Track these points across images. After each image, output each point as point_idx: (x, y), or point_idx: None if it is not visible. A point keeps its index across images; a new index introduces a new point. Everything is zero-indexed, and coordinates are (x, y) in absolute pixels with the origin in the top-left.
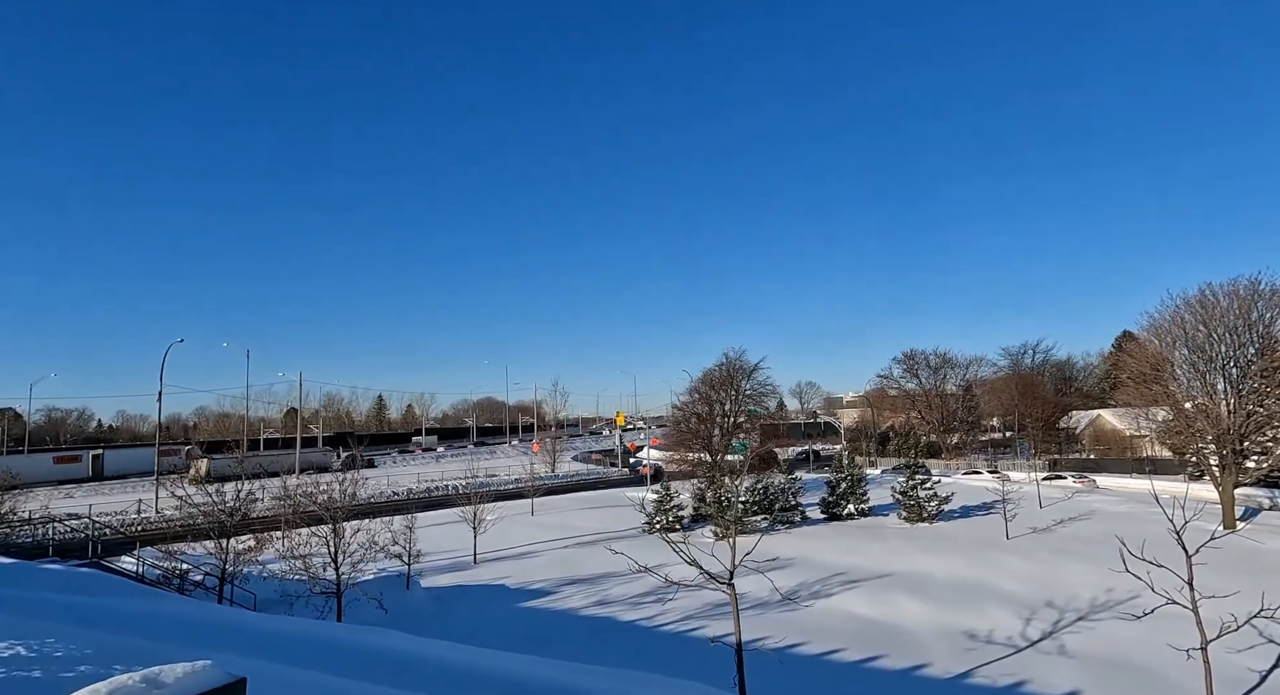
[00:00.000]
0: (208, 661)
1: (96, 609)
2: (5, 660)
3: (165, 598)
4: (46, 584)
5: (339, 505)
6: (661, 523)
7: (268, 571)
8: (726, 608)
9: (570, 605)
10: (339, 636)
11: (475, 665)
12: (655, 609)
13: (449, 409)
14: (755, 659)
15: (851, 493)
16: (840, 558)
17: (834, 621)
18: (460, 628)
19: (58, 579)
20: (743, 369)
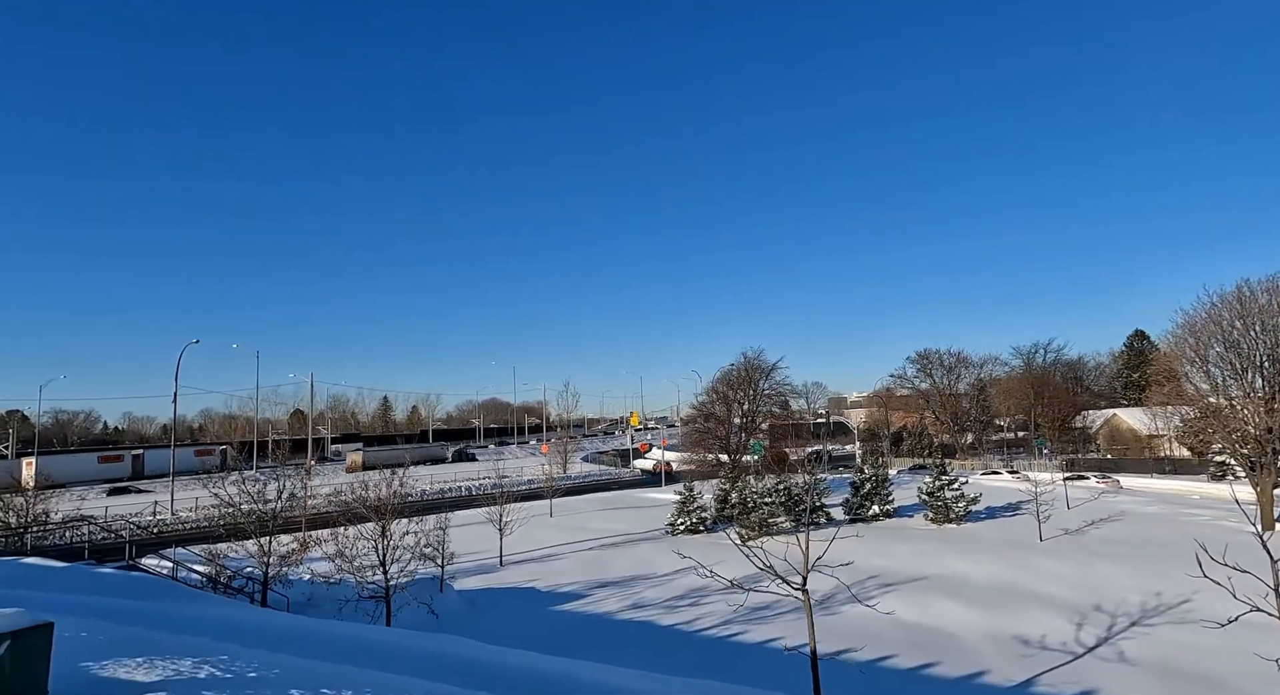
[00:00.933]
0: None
1: (210, 622)
2: (224, 682)
3: (235, 606)
4: (118, 590)
5: (391, 503)
6: (685, 524)
7: (310, 573)
8: (766, 612)
9: (605, 609)
10: (424, 646)
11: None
12: (692, 613)
13: (454, 410)
14: (806, 665)
15: (876, 493)
16: (871, 560)
17: (877, 626)
18: (498, 631)
19: (122, 584)
20: (761, 368)
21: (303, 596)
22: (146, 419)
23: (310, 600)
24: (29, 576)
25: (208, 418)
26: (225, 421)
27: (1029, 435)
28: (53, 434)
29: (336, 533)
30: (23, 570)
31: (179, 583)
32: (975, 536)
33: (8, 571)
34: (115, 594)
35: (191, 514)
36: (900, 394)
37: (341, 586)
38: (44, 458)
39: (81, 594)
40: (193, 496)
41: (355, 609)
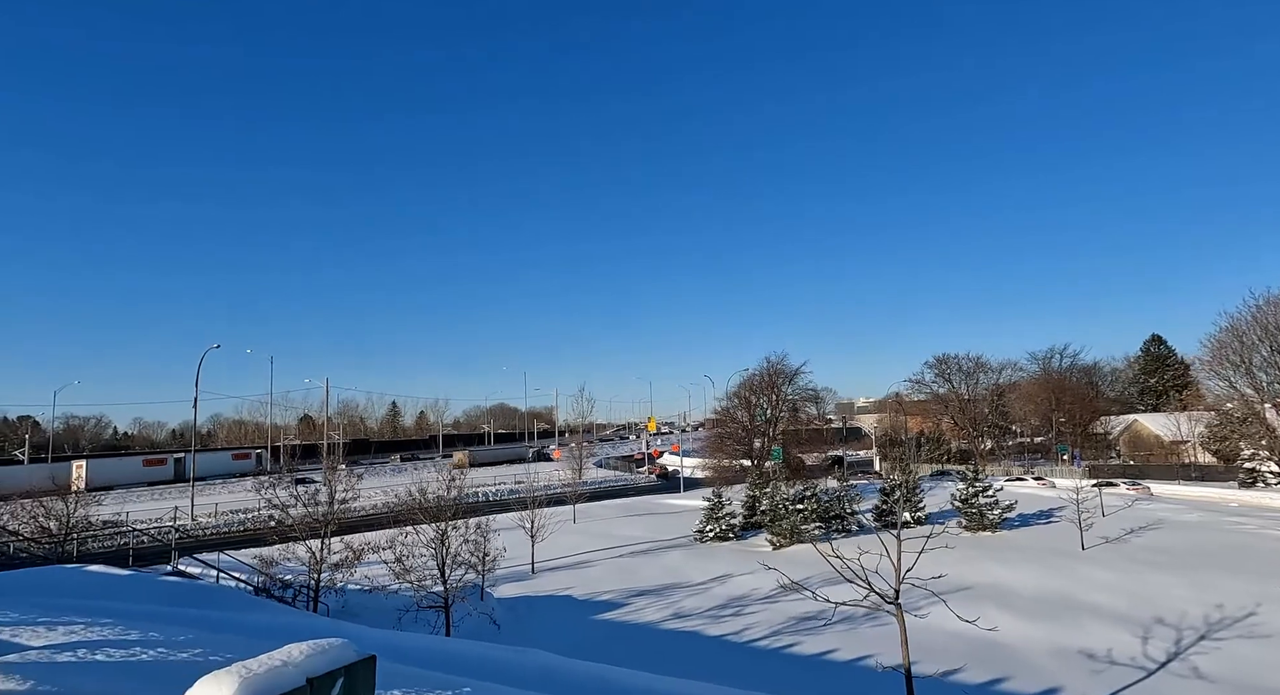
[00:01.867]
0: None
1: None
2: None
3: (326, 620)
4: (194, 599)
5: (450, 503)
6: (715, 531)
7: (369, 582)
8: (812, 622)
9: (647, 618)
10: (518, 660)
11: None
12: (738, 623)
13: (461, 415)
14: (881, 680)
15: (907, 500)
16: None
17: (933, 637)
18: (545, 641)
19: (192, 594)
20: (784, 372)
21: (357, 606)
22: (157, 424)
23: (364, 609)
24: (98, 586)
25: (217, 423)
26: (234, 426)
27: (1046, 441)
28: (64, 439)
29: (395, 539)
30: (90, 579)
31: (240, 591)
32: (1013, 544)
33: (79, 580)
34: (195, 604)
35: (211, 519)
36: (912, 399)
37: (395, 595)
38: (93, 461)
39: (163, 604)
40: (237, 499)
41: (416, 619)
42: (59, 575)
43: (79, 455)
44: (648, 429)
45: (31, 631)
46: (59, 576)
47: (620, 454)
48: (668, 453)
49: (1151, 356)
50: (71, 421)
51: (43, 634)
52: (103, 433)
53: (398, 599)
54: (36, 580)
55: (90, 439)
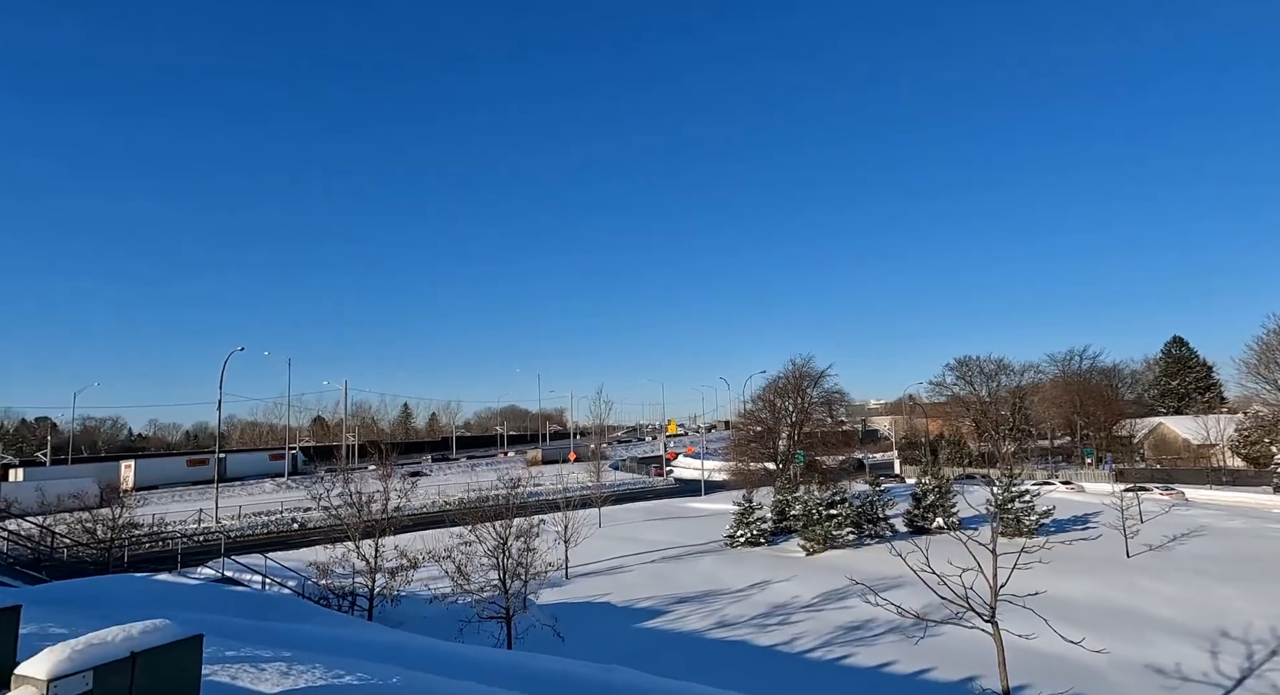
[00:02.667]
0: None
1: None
2: None
3: (409, 634)
4: (264, 611)
5: (512, 502)
6: (746, 536)
7: (430, 592)
8: (862, 632)
9: (691, 626)
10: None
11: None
12: (785, 632)
13: (472, 417)
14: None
15: (940, 504)
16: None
17: (990, 650)
18: (593, 651)
19: (262, 605)
20: (810, 375)
21: (412, 615)
22: (173, 425)
23: (417, 618)
24: (179, 597)
25: (230, 424)
26: (248, 428)
27: (1067, 444)
28: (81, 441)
29: (453, 548)
30: (166, 590)
31: (309, 602)
32: (1055, 552)
33: (157, 590)
34: (295, 618)
35: (235, 522)
36: (925, 401)
37: (454, 605)
38: (140, 461)
39: (263, 618)
40: (278, 499)
41: (478, 631)
42: (133, 586)
43: (126, 455)
44: (667, 431)
45: (240, 671)
46: (134, 587)
47: (633, 456)
48: (682, 455)
49: (1173, 358)
50: (88, 423)
51: (261, 676)
52: (118, 434)
53: (458, 609)
54: (117, 591)
55: (106, 440)
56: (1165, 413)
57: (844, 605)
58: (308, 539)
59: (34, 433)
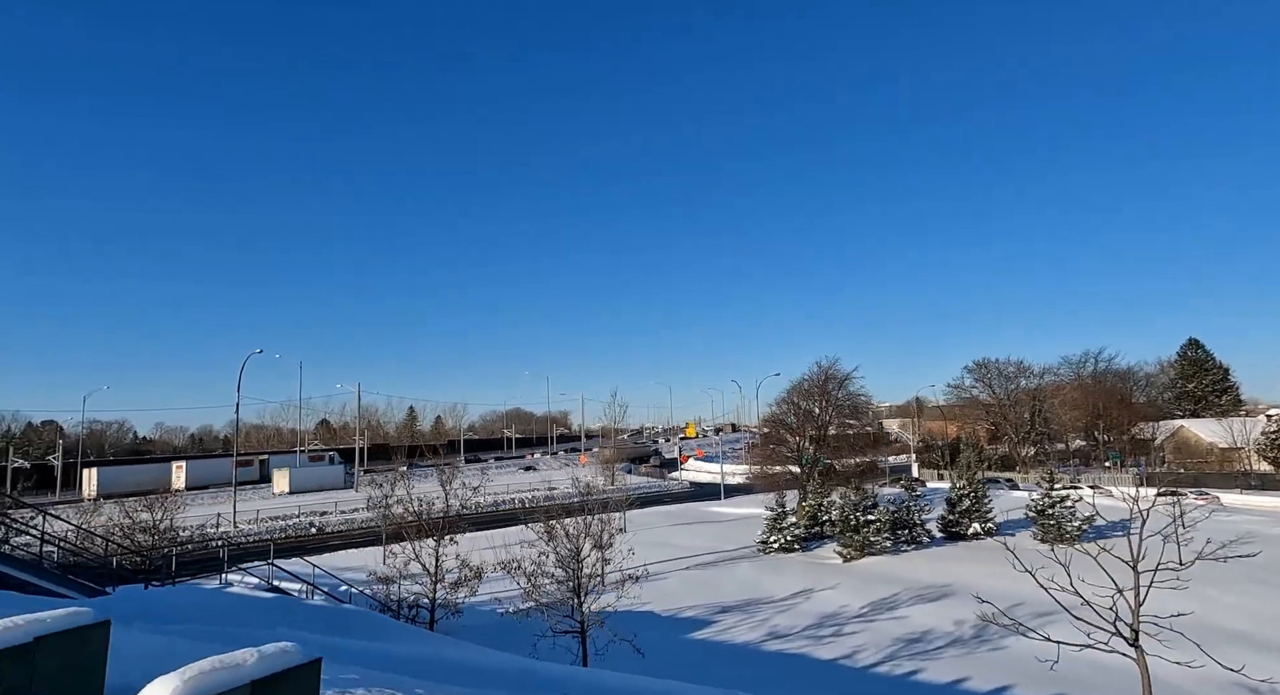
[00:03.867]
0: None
1: None
2: None
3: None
4: (347, 627)
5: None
6: (779, 542)
7: (501, 605)
8: (920, 645)
9: (743, 637)
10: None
11: None
12: (843, 644)
13: (477, 420)
14: None
15: (976, 510)
16: (999, 584)
17: (1063, 666)
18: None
19: (341, 620)
20: (835, 378)
21: (480, 627)
22: (179, 429)
23: (482, 631)
24: (256, 612)
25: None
26: (253, 431)
27: (1085, 447)
28: (88, 444)
29: (520, 559)
30: (232, 601)
31: (379, 614)
32: (1102, 559)
33: (219, 602)
34: (348, 631)
35: (253, 526)
36: (941, 403)
37: (526, 618)
38: (191, 462)
39: (330, 633)
40: (329, 500)
41: (553, 646)
42: (198, 597)
43: (179, 456)
44: (685, 433)
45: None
46: (198, 598)
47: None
48: (692, 458)
49: (1189, 361)
50: (94, 426)
51: None
52: (124, 437)
53: (530, 622)
54: (185, 603)
55: (113, 444)
56: (1181, 415)
57: (896, 615)
58: (326, 544)
59: (40, 436)
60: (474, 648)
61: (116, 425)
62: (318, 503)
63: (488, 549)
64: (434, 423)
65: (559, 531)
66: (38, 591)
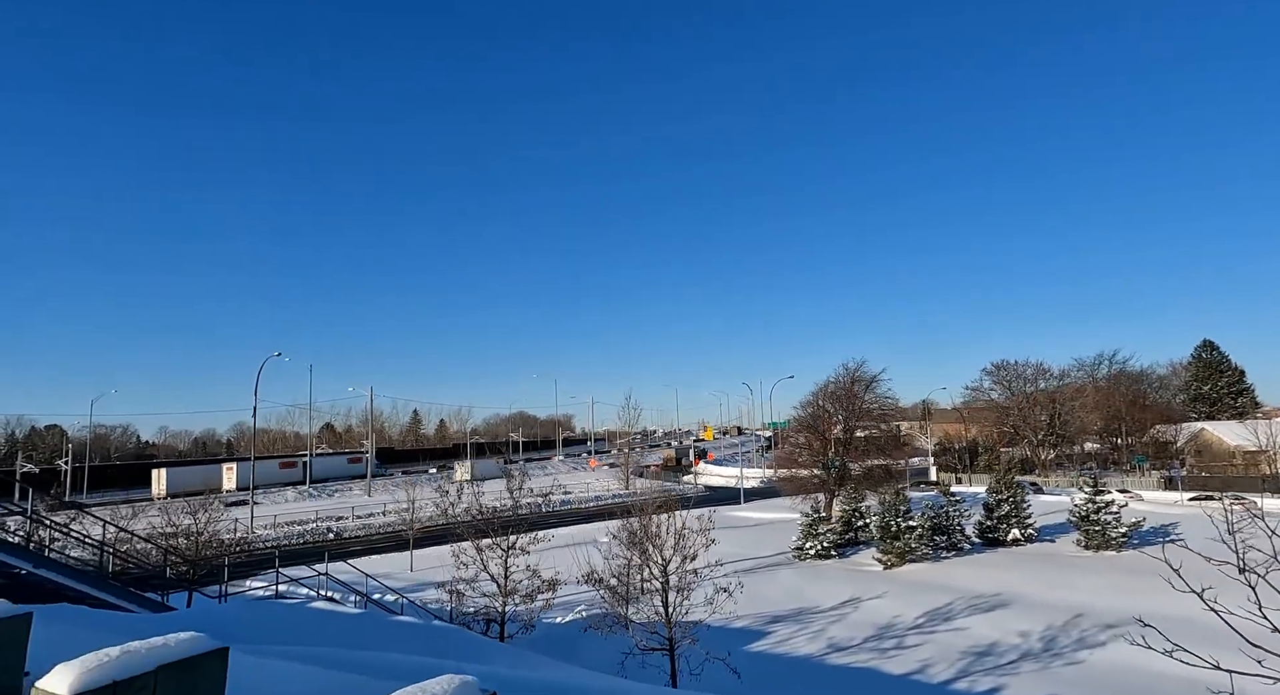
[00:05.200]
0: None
1: None
2: None
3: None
4: (448, 647)
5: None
6: (816, 549)
7: (585, 619)
8: (991, 658)
9: (804, 650)
10: None
11: None
12: (911, 658)
13: (480, 424)
14: None
15: (1015, 515)
16: (1053, 593)
17: (1149, 683)
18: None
19: (447, 639)
20: (862, 380)
21: (557, 641)
22: (184, 433)
23: (553, 644)
24: (334, 626)
25: (238, 431)
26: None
27: (1101, 449)
28: (92, 448)
29: (600, 570)
30: (316, 616)
31: (468, 632)
32: (1155, 567)
33: (306, 619)
34: (447, 651)
35: (269, 531)
36: (958, 405)
37: (611, 634)
38: (241, 463)
39: (431, 654)
40: (379, 500)
41: (642, 664)
42: (278, 612)
43: (231, 458)
44: (703, 436)
45: None
46: (279, 613)
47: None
48: (703, 462)
49: (1203, 362)
50: (98, 430)
51: None
52: (128, 442)
53: (616, 638)
54: (269, 619)
55: (117, 448)
56: (1196, 417)
57: (955, 627)
58: (346, 549)
59: (44, 440)
60: (585, 673)
61: (120, 429)
62: (332, 507)
63: (542, 550)
64: (438, 426)
65: (641, 535)
66: (97, 604)
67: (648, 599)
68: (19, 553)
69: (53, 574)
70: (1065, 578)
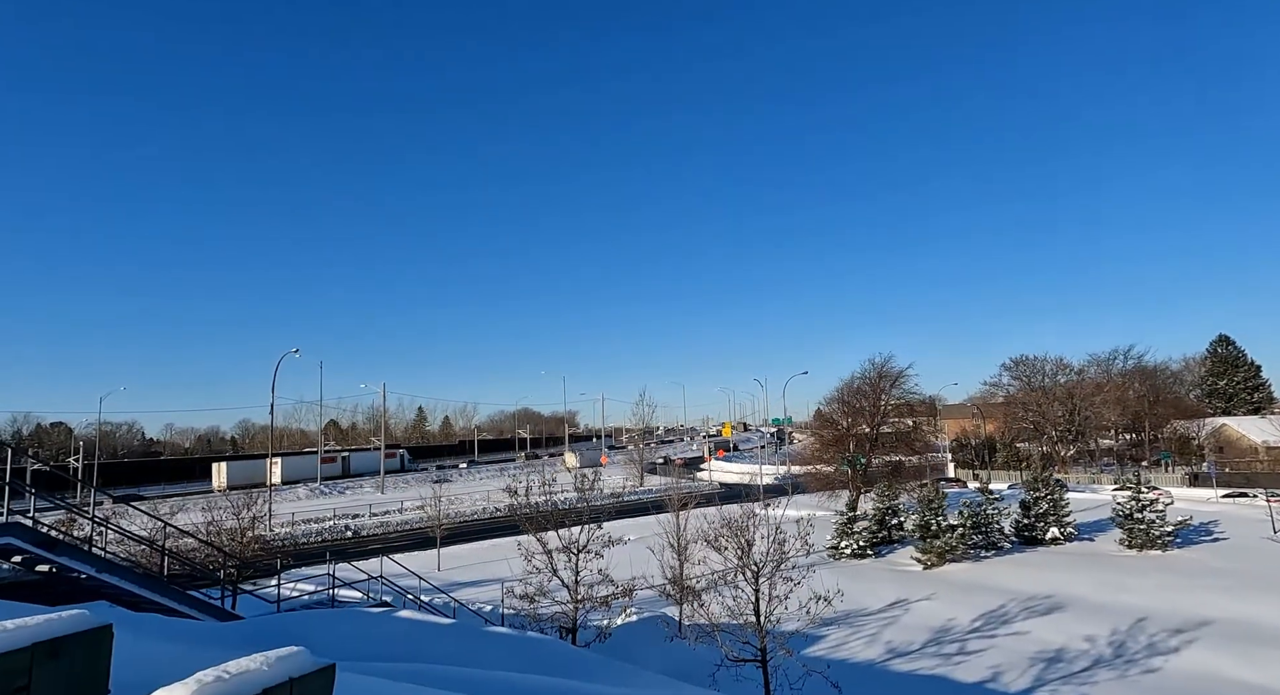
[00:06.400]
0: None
1: None
2: None
3: None
4: (568, 666)
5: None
6: (851, 548)
7: (692, 634)
8: (1063, 663)
9: (863, 656)
10: None
11: None
12: (980, 665)
13: (485, 421)
14: None
15: (1053, 513)
16: (1112, 595)
17: (1221, 690)
18: None
19: (546, 655)
20: (888, 376)
21: (628, 647)
22: (189, 429)
23: (640, 651)
24: (426, 639)
25: (244, 429)
26: (262, 433)
27: (1117, 445)
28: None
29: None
30: (402, 627)
31: (566, 644)
32: (1207, 568)
33: (390, 631)
34: (568, 670)
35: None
36: (945, 403)
37: (697, 646)
38: (285, 458)
39: (554, 673)
40: (395, 497)
41: (736, 677)
42: (362, 622)
43: (276, 454)
44: (722, 433)
45: None
46: (367, 624)
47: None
48: (714, 459)
49: (1219, 357)
50: (103, 427)
51: None
52: (134, 439)
53: (676, 645)
54: (348, 630)
55: (124, 445)
56: (1211, 413)
57: (1015, 630)
58: (365, 548)
59: (50, 437)
60: (700, 692)
61: (126, 427)
62: (347, 505)
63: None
64: (442, 423)
65: (732, 535)
66: (153, 608)
67: (717, 600)
68: (82, 556)
69: (116, 579)
70: (1115, 578)
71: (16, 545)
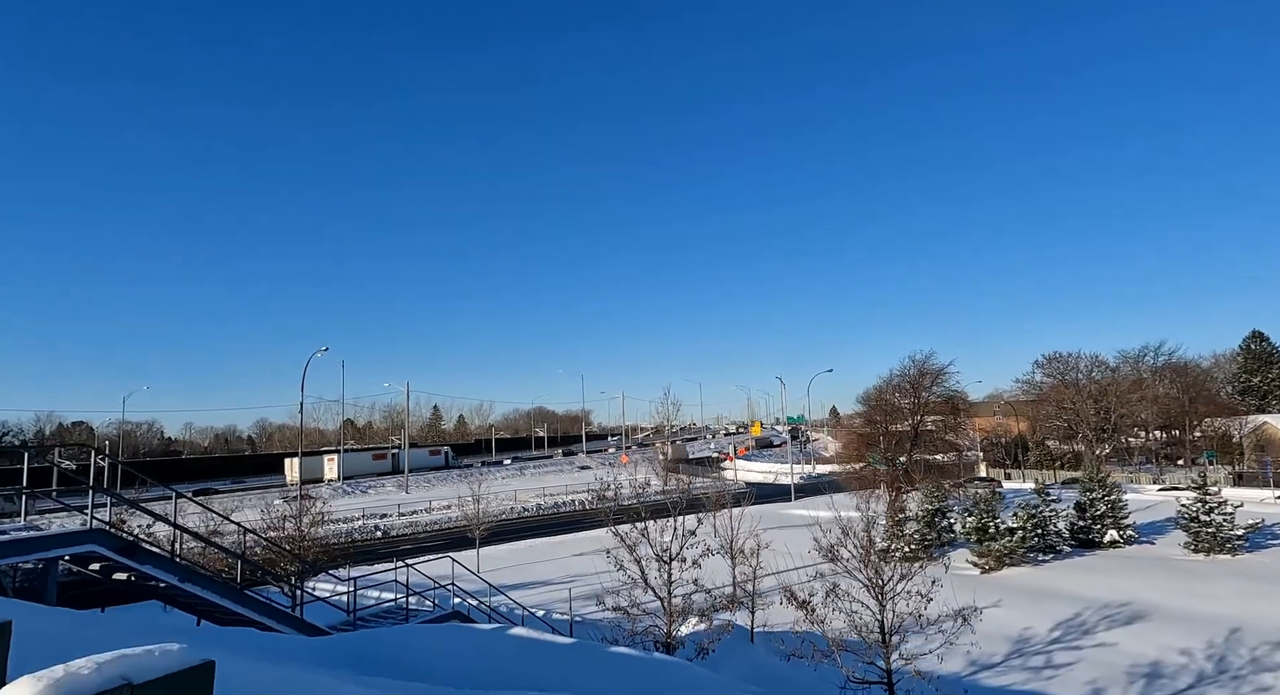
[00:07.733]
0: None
1: None
2: None
3: None
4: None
5: None
6: (901, 551)
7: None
8: (1164, 679)
9: (947, 668)
10: None
11: None
12: (1075, 681)
13: (499, 419)
14: None
15: (1111, 515)
16: (1198, 604)
17: None
18: None
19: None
20: (929, 372)
21: (742, 666)
22: (208, 428)
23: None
24: (547, 660)
25: (261, 428)
26: (277, 432)
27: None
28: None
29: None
30: (510, 648)
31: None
32: None
33: (501, 651)
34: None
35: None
36: (971, 400)
37: (817, 664)
38: (342, 455)
39: None
40: (418, 496)
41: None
42: (465, 640)
43: (333, 450)
44: (751, 432)
45: None
46: (470, 642)
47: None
48: (736, 458)
49: (1252, 354)
50: (124, 427)
51: None
52: (154, 438)
53: (825, 670)
54: (455, 649)
55: (144, 444)
56: (1245, 411)
57: (1099, 641)
58: (396, 548)
59: (72, 437)
60: None
61: (146, 426)
62: (373, 505)
63: None
64: (457, 421)
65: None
66: (231, 620)
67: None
68: (165, 565)
69: (198, 589)
70: (1191, 585)
71: (99, 553)
